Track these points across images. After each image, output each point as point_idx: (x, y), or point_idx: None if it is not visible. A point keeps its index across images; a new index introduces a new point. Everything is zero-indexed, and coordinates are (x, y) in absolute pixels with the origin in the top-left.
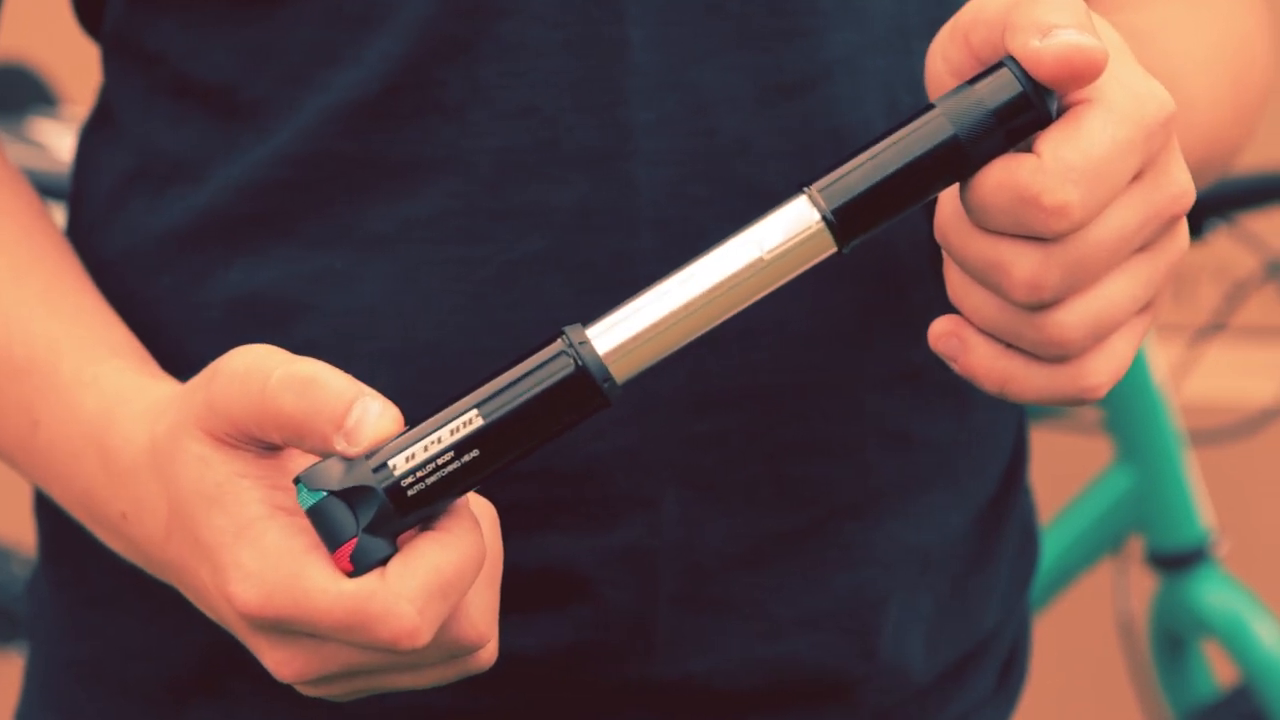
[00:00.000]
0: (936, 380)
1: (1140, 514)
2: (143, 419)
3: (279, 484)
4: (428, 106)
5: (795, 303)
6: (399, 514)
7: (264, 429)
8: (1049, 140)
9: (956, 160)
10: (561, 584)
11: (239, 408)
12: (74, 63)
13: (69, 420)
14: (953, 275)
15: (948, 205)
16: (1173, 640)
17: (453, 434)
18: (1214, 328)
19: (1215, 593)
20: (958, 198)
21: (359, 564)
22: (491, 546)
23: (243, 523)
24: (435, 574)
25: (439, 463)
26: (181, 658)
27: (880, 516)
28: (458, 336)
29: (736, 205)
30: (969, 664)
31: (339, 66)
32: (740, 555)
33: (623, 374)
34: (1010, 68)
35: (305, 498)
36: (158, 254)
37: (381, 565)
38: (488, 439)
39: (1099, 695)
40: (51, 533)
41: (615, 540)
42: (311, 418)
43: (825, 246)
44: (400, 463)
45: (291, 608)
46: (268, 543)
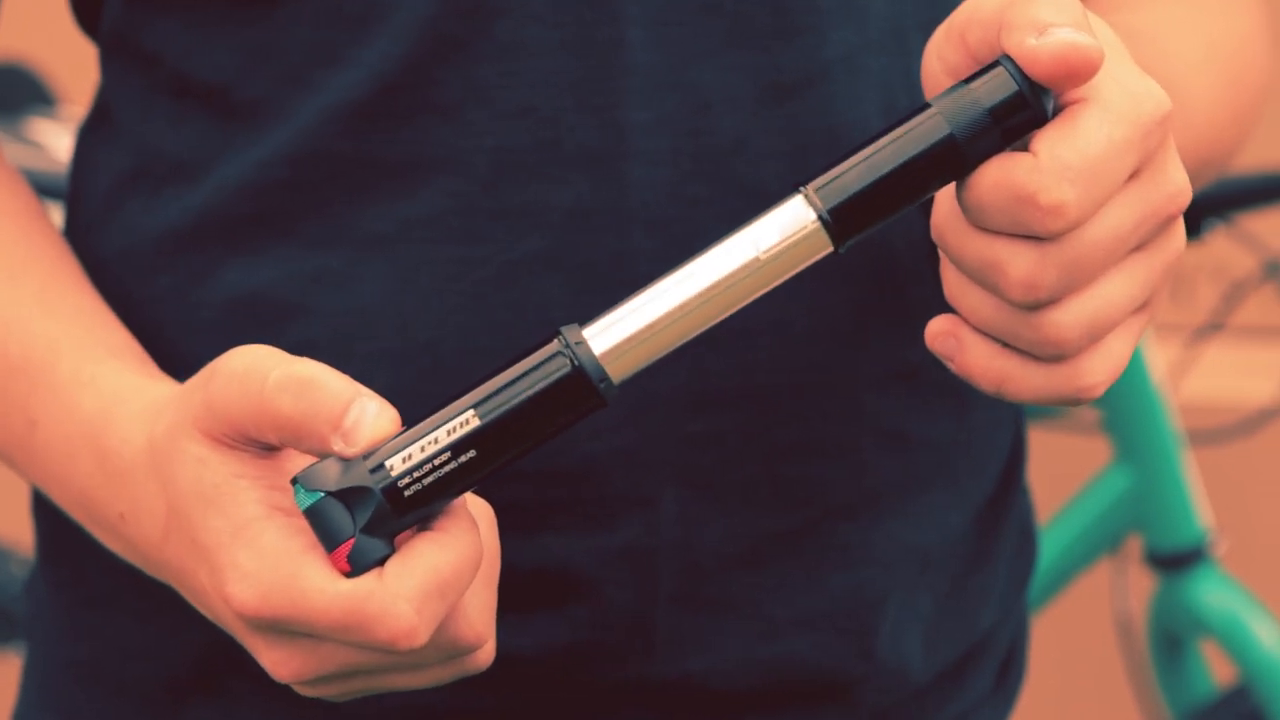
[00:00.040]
0: (934, 380)
1: (1138, 514)
2: (140, 419)
3: (276, 484)
4: (425, 106)
5: (792, 302)
6: (396, 514)
7: (261, 430)
8: (1045, 139)
9: (953, 159)
10: (559, 584)
11: (237, 408)
12: (72, 62)
13: (66, 420)
14: (949, 275)
15: (944, 204)
16: (1171, 640)
17: (450, 434)
18: (1212, 328)
19: (1213, 592)
20: (954, 197)
21: (356, 564)
22: (489, 547)
23: (240, 523)
24: (433, 574)
25: (436, 463)
26: (179, 658)
27: (878, 516)
28: (456, 336)
29: (734, 205)
30: (967, 664)
31: (337, 67)
32: (738, 555)
33: (619, 374)
34: (1006, 67)
35: (303, 498)
36: (155, 254)
37: (379, 565)
38: (485, 439)
39: (1097, 695)
40: (49, 533)
41: (613, 540)
42: (309, 418)
43: (821, 246)
44: (397, 463)
45: (289, 608)
46: (265, 543)
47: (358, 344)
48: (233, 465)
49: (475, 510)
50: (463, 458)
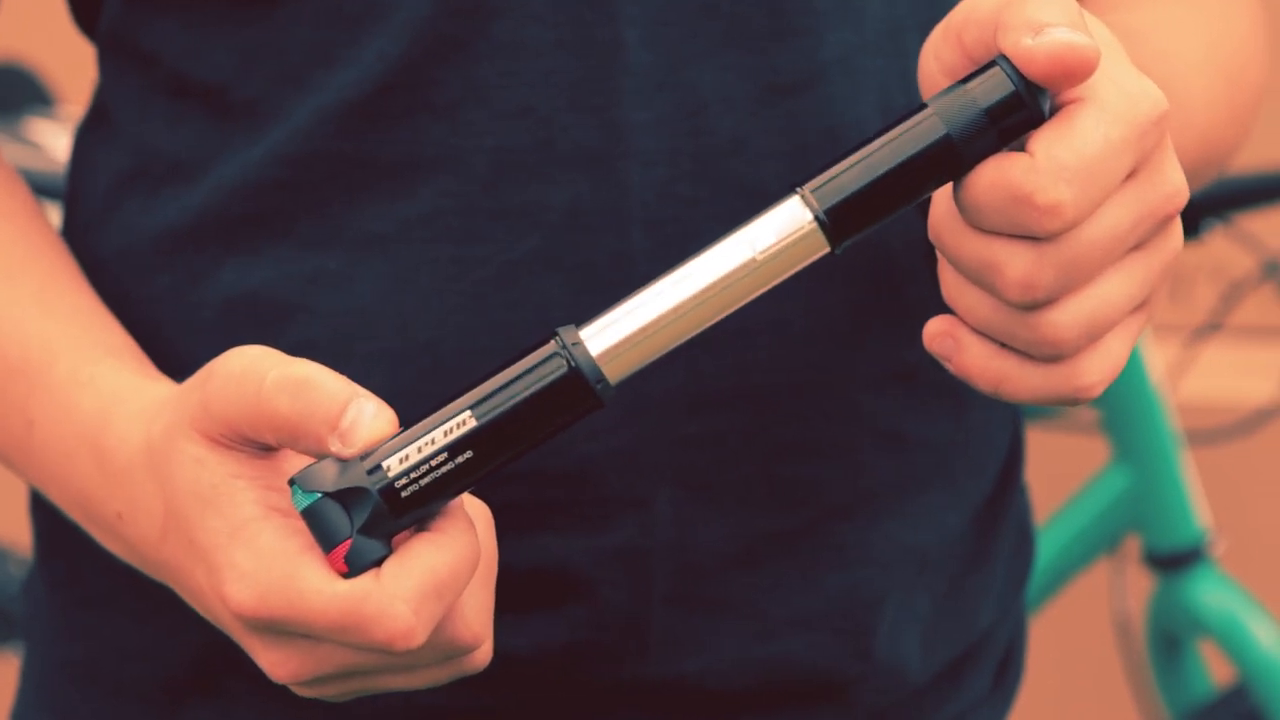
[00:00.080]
0: (932, 380)
1: (1137, 514)
2: (138, 419)
3: (274, 485)
4: (424, 106)
5: (790, 302)
6: (393, 515)
7: (259, 430)
8: (1042, 139)
9: (949, 160)
10: (556, 584)
11: (234, 409)
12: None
13: (64, 420)
14: (946, 275)
15: (941, 205)
16: (1169, 640)
17: (446, 435)
18: (1211, 327)
19: (1212, 592)
20: (951, 197)
21: (354, 565)
22: (486, 547)
23: (237, 524)
24: (430, 575)
25: (433, 464)
26: (177, 658)
27: (875, 516)
28: (455, 336)
29: (732, 205)
30: (965, 664)
31: (336, 67)
32: (734, 555)
33: (616, 375)
34: (1002, 67)
35: (300, 499)
36: (153, 254)
37: (376, 566)
38: (481, 440)
39: (1096, 695)
40: (47, 533)
41: (609, 540)
42: (306, 419)
43: (818, 247)
44: (394, 464)
45: (286, 608)
46: (262, 544)
47: (357, 344)
48: (230, 466)
49: (472, 511)
50: (460, 459)
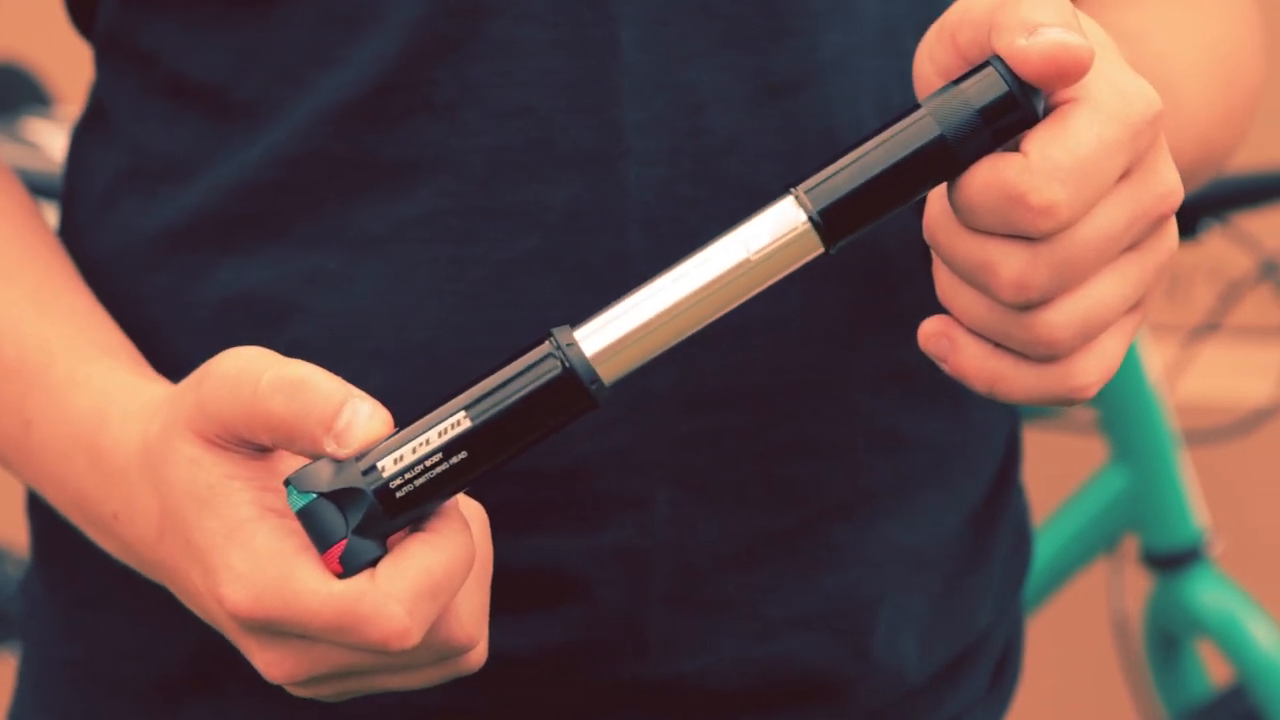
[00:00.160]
0: (929, 380)
1: (1135, 514)
2: (134, 420)
3: (269, 486)
4: (420, 106)
5: (787, 302)
6: (388, 515)
7: (254, 431)
8: (1036, 139)
9: (943, 160)
10: (553, 584)
11: (229, 410)
12: (68, 62)
13: (60, 420)
14: (941, 275)
15: (936, 205)
16: (1167, 640)
17: (441, 436)
18: (1208, 327)
19: (1210, 592)
20: (946, 198)
21: (349, 565)
22: (481, 548)
23: (233, 524)
24: (425, 575)
25: (428, 464)
26: (174, 658)
27: (873, 516)
28: (452, 336)
29: (730, 205)
30: (962, 664)
31: (332, 67)
32: (733, 555)
33: (610, 375)
34: (996, 67)
35: (295, 499)
36: (150, 254)
37: (371, 566)
38: (476, 441)
39: (1094, 695)
40: (44, 533)
41: (606, 540)
42: (301, 420)
43: (812, 247)
44: (389, 464)
45: (281, 609)
46: (258, 544)
47: (354, 344)
48: (226, 466)
49: (468, 511)
50: (454, 459)
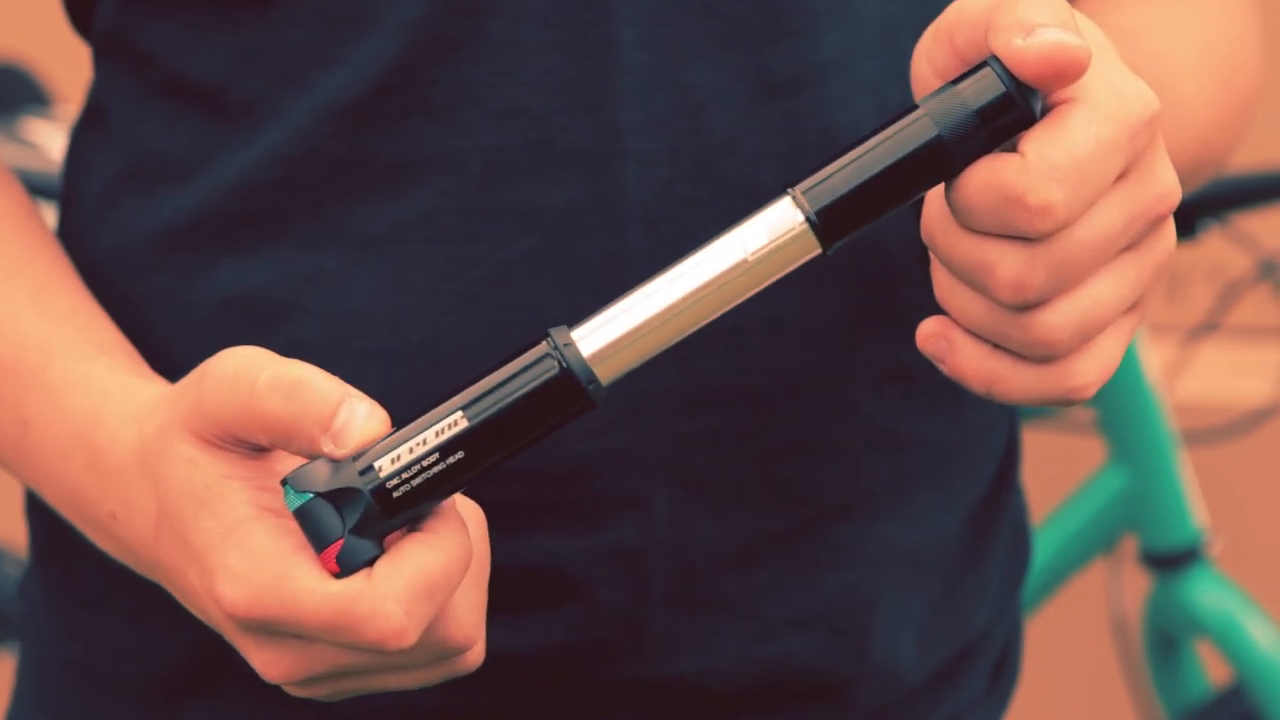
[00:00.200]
0: (928, 380)
1: (1134, 514)
2: (132, 419)
3: (266, 485)
4: (419, 106)
5: (786, 302)
6: (385, 515)
7: (251, 431)
8: (1033, 140)
9: (941, 161)
10: (552, 584)
11: (227, 410)
12: (67, 63)
13: (58, 420)
14: (939, 276)
15: (934, 206)
16: (1166, 640)
17: (438, 436)
18: (1207, 327)
19: (1209, 592)
20: (944, 198)
21: (345, 565)
22: (478, 548)
23: (230, 524)
24: (422, 575)
25: (424, 464)
26: (172, 657)
27: (872, 517)
28: (451, 336)
29: (729, 205)
30: (961, 664)
31: (331, 67)
32: (732, 555)
33: (608, 376)
34: (993, 67)
35: (292, 499)
36: (148, 254)
37: (368, 566)
38: (473, 441)
39: (1093, 695)
40: (43, 533)
41: (606, 540)
42: (299, 420)
43: (809, 248)
44: (386, 464)
45: (278, 609)
46: (255, 544)
47: (352, 344)
48: (223, 466)
49: (465, 511)
50: (451, 459)
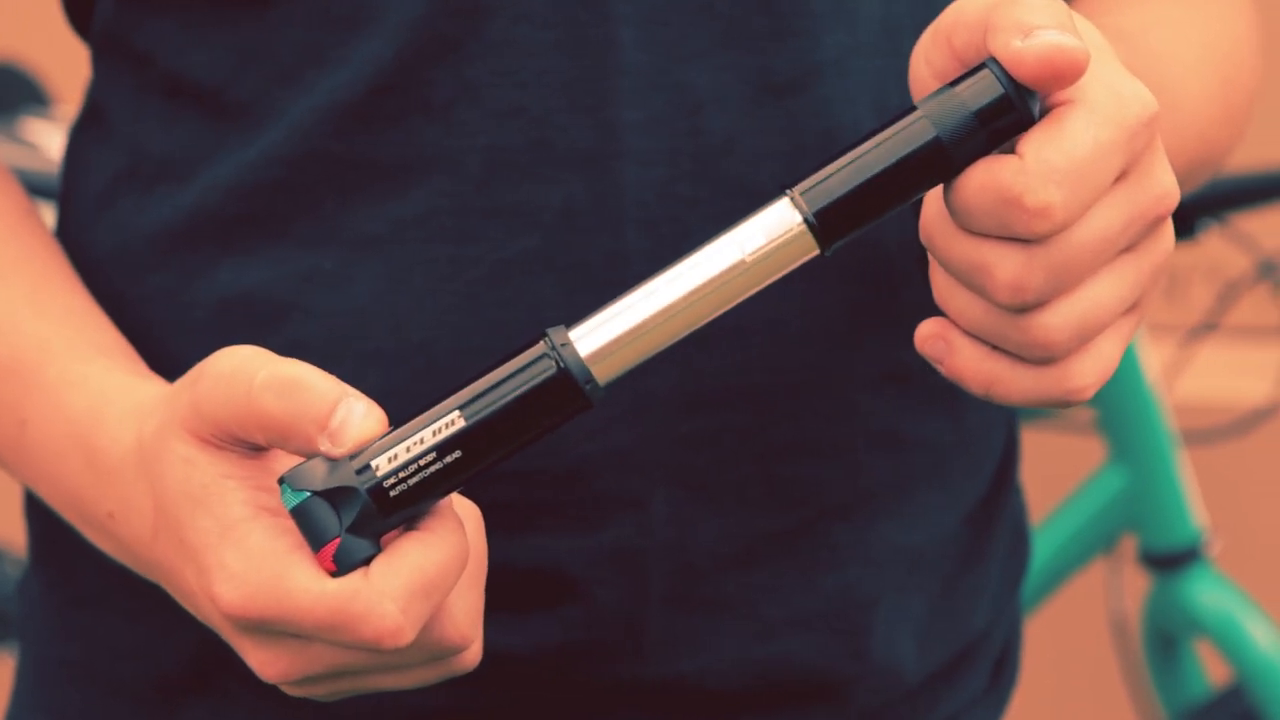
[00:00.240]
0: (927, 381)
1: (1133, 514)
2: (130, 419)
3: (263, 485)
4: (417, 106)
5: (786, 302)
6: (382, 514)
7: (248, 430)
8: (1031, 141)
9: (939, 162)
10: (552, 584)
11: (224, 410)
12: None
13: (56, 420)
14: (938, 277)
15: (932, 207)
16: (1166, 640)
17: (435, 435)
18: (1206, 327)
19: (1208, 592)
20: (942, 200)
21: (342, 564)
22: (476, 547)
23: (227, 523)
24: (418, 574)
25: (421, 463)
26: (171, 657)
27: (871, 517)
28: (449, 336)
29: (728, 205)
30: (960, 664)
31: (329, 67)
32: (732, 555)
33: (605, 376)
34: (992, 69)
35: (289, 498)
36: (147, 254)
37: (365, 565)
38: (470, 440)
39: (1092, 695)
40: (42, 533)
41: (605, 540)
42: (296, 419)
43: (807, 249)
44: (383, 463)
45: (275, 608)
46: (252, 543)
47: (351, 344)
48: (220, 466)
49: (462, 511)
50: (448, 458)
